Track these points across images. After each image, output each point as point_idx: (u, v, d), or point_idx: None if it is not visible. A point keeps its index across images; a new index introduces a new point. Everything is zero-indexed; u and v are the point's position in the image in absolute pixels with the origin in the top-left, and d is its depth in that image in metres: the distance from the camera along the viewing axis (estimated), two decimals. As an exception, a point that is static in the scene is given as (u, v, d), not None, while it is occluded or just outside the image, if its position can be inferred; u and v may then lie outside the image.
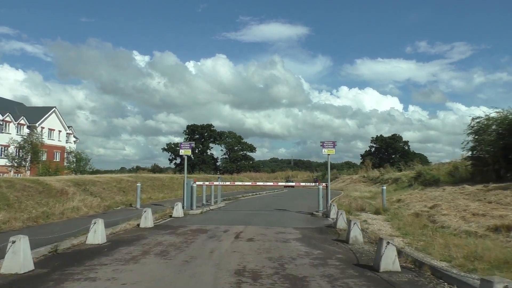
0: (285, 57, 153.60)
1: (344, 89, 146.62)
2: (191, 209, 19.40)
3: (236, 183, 20.12)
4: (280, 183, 19.91)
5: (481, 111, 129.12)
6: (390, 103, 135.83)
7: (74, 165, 40.74)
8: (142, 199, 22.80)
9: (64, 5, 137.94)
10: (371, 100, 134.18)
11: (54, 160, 54.16)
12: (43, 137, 57.03)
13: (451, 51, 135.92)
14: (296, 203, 25.70)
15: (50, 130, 59.49)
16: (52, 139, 59.15)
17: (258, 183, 20.37)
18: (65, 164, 45.12)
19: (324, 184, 19.13)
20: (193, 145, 19.71)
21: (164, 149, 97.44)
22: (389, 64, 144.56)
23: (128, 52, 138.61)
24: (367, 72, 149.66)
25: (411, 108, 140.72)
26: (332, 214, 17.69)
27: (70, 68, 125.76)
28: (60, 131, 61.85)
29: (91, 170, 41.58)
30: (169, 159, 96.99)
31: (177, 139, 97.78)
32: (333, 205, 17.82)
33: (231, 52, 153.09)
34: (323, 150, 18.86)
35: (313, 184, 19.49)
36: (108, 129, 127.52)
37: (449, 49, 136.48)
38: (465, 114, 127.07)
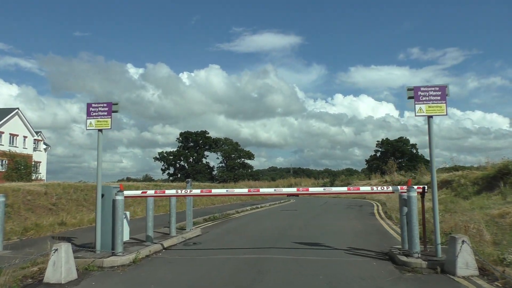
0: (280, 66, 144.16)
1: (339, 96, 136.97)
2: (113, 252, 8.04)
3: (215, 191, 8.64)
4: (312, 189, 8.38)
5: (477, 116, 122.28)
6: (385, 110, 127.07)
7: (16, 172, 29.30)
8: (41, 226, 11.34)
9: (58, 20, 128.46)
10: (367, 107, 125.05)
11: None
12: (2, 143, 45.72)
13: (444, 57, 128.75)
14: (326, 223, 14.28)
15: (12, 135, 47.99)
16: (15, 146, 47.56)
17: (263, 190, 8.90)
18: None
19: (418, 187, 7.69)
20: (115, 108, 8.36)
21: (156, 159, 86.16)
22: (383, 71, 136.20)
23: (121, 65, 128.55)
24: (362, 79, 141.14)
25: (406, 114, 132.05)
26: (464, 267, 6.34)
27: (63, 82, 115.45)
28: (25, 137, 50.31)
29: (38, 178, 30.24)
30: (162, 169, 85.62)
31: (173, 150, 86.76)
32: (464, 242, 6.42)
33: (225, 63, 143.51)
34: (417, 107, 7.51)
35: (390, 189, 7.97)
36: (104, 142, 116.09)
37: (441, 55, 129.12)
38: (460, 119, 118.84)
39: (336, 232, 11.81)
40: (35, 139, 52.18)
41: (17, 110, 48.95)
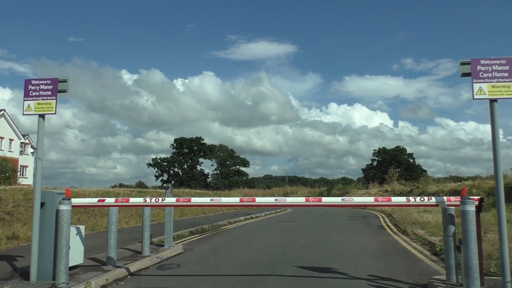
0: (275, 75, 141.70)
1: (333, 105, 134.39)
2: (54, 283, 5.76)
3: (195, 200, 6.41)
4: (326, 199, 6.27)
5: (470, 127, 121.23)
6: (379, 119, 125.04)
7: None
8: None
9: (53, 24, 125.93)
10: (361, 116, 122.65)
11: None
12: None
13: (437, 67, 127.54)
14: (333, 239, 12.04)
15: (-3, 138, 45.47)
16: (1, 149, 45.01)
17: (259, 200, 6.83)
18: None
19: (475, 198, 5.51)
20: (62, 87, 6.17)
21: (149, 165, 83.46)
22: (377, 81, 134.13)
23: (115, 71, 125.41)
24: (356, 89, 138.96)
25: (400, 124, 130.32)
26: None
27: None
28: (11, 140, 47.77)
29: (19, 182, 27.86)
30: (155, 176, 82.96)
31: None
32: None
33: (220, 70, 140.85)
34: (476, 87, 5.35)
35: (432, 200, 5.78)
36: (98, 147, 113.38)
37: (435, 65, 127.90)
38: (454, 129, 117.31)
39: (348, 252, 9.56)
40: (22, 142, 49.64)
41: (3, 111, 46.45)
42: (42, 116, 6.24)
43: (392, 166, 54.98)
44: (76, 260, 6.90)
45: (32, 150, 52.39)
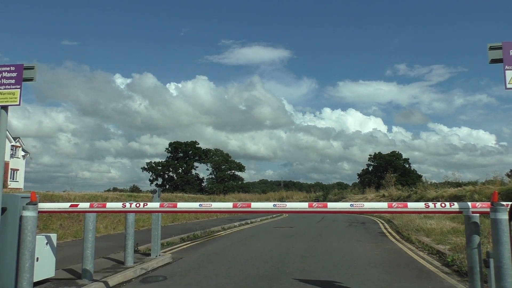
0: (270, 79, 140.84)
1: (327, 110, 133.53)
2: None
3: (182, 205, 5.55)
4: (332, 205, 5.52)
5: (464, 132, 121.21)
6: (373, 125, 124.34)
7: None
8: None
9: (47, 28, 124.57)
10: (354, 121, 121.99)
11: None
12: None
13: (430, 73, 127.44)
14: (334, 247, 11.20)
15: (-13, 140, 44.27)
16: (-10, 152, 43.80)
17: (255, 205, 6.11)
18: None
19: (507, 204, 4.73)
20: (28, 75, 5.34)
21: (144, 169, 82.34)
22: (371, 86, 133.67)
23: (107, 75, 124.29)
24: (350, 94, 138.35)
25: (394, 129, 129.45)
26: None
27: (48, 91, 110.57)
28: (2, 143, 46.59)
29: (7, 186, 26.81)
30: (150, 180, 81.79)
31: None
32: None
33: (214, 75, 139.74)
34: (509, 74, 4.56)
35: (454, 206, 4.98)
36: (92, 151, 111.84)
37: (427, 71, 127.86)
38: (447, 135, 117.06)
39: (351, 263, 8.72)
40: (12, 145, 48.40)
41: (-7, 113, 45.33)
42: (4, 108, 5.39)
43: (389, 171, 54.10)
44: (46, 273, 6.05)
45: (23, 153, 51.21)
